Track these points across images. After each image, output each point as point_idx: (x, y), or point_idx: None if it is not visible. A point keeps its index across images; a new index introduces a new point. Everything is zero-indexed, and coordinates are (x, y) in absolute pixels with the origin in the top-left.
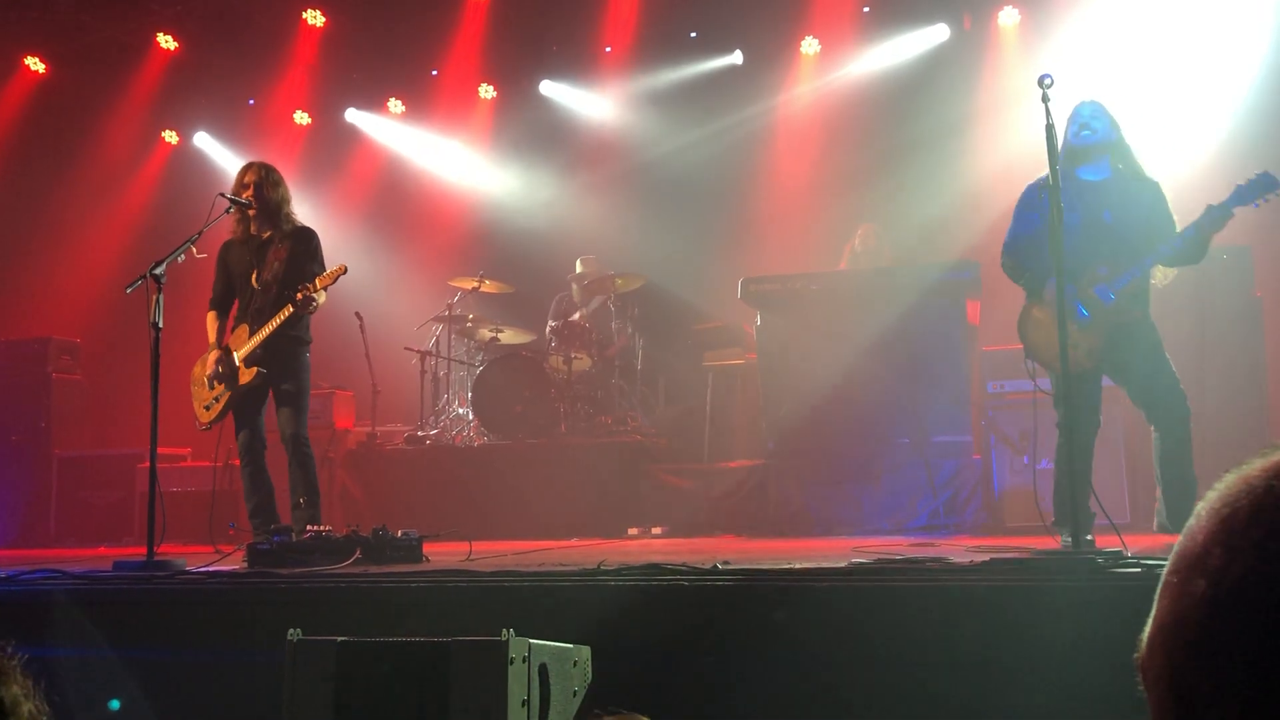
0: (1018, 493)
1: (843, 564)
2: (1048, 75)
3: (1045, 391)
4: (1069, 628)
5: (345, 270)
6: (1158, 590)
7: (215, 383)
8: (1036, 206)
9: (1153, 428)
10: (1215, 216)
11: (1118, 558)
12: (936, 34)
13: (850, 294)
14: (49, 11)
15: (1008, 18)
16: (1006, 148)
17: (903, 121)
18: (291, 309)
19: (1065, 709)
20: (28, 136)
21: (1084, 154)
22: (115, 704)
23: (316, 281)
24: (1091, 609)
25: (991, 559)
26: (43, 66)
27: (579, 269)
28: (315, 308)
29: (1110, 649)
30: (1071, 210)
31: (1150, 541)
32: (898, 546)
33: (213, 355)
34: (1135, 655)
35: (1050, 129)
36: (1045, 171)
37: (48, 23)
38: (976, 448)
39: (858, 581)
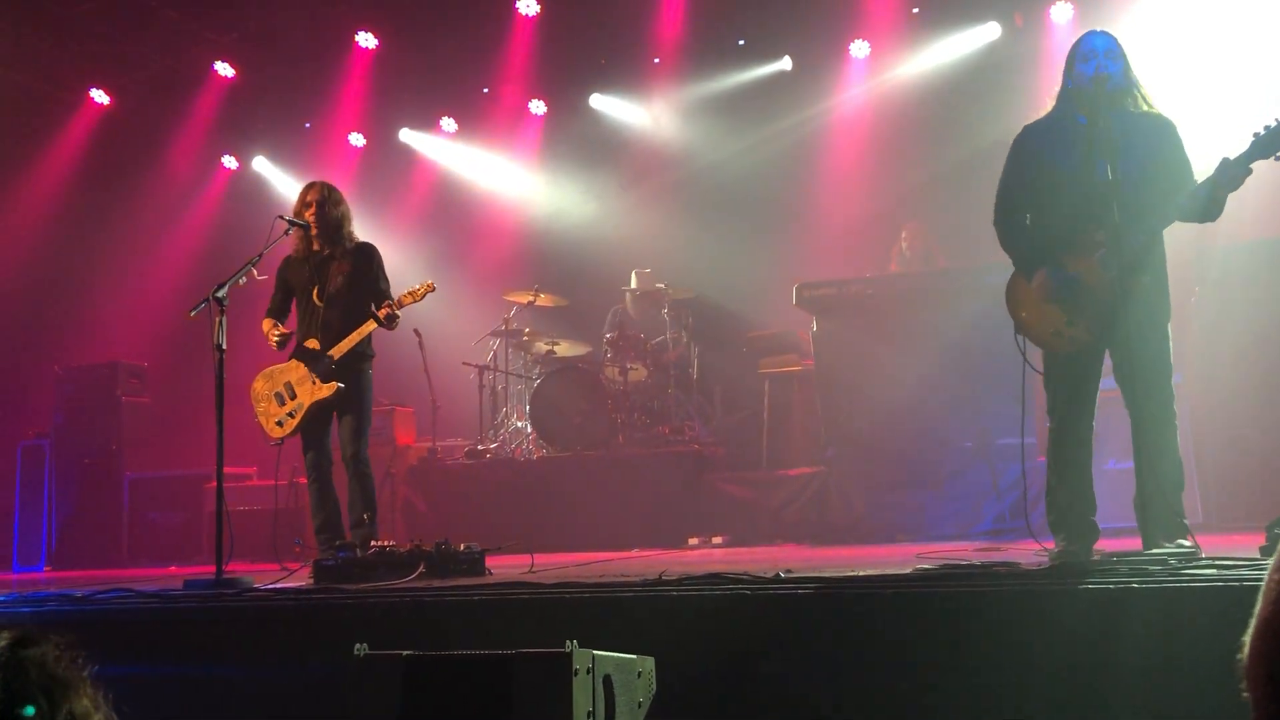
0: None
1: (907, 570)
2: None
3: (1038, 370)
4: (1143, 631)
5: (433, 288)
6: (1260, 591)
7: (287, 397)
8: (1032, 152)
9: (1127, 409)
10: (1232, 174)
11: (1192, 558)
12: (988, 32)
13: (908, 296)
14: (113, 45)
15: (1061, 14)
16: None
17: (954, 122)
18: (374, 324)
19: (1141, 714)
20: (94, 166)
21: (1096, 96)
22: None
23: (403, 298)
24: (1167, 611)
25: (1061, 562)
26: (107, 98)
27: (633, 282)
28: (398, 323)
29: (1188, 651)
30: (1069, 161)
31: (1224, 541)
32: (963, 552)
33: (296, 372)
34: (1238, 656)
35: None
36: (1043, 113)
37: (111, 55)
38: (1041, 449)
39: (923, 588)
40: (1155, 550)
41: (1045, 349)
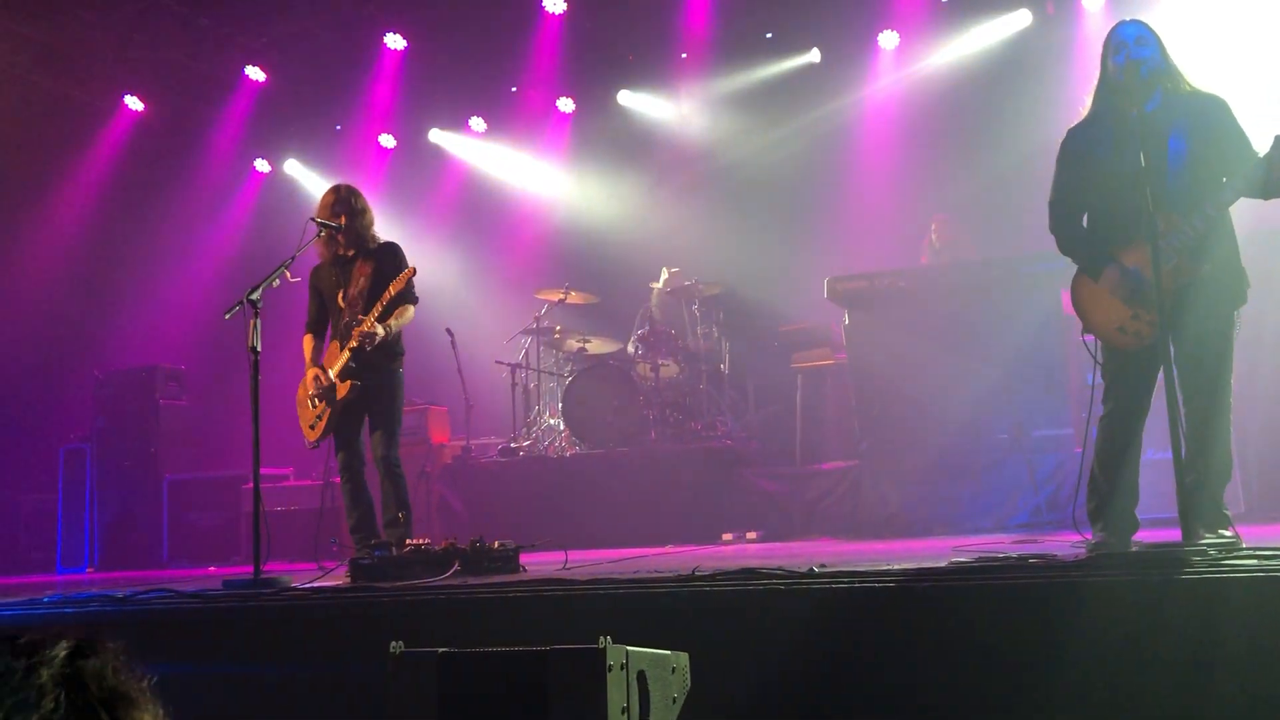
0: None
1: (943, 564)
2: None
3: (1098, 361)
4: (1182, 623)
5: (414, 271)
6: None
7: (316, 401)
8: (1078, 154)
9: (1180, 399)
10: None
11: (1233, 549)
12: (1018, 20)
13: (940, 288)
14: (146, 52)
15: (1092, 1)
16: None
17: (985, 112)
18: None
19: (1180, 708)
20: (128, 172)
21: (1132, 86)
22: None
23: (391, 287)
24: (1207, 603)
25: (1099, 554)
26: (141, 105)
27: (663, 279)
28: (379, 339)
29: (1229, 643)
30: (1119, 154)
31: (1266, 531)
32: (1000, 545)
33: (310, 374)
34: None
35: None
36: (1085, 113)
37: (144, 62)
38: (1078, 440)
39: (959, 581)
40: (1196, 541)
41: (1109, 344)
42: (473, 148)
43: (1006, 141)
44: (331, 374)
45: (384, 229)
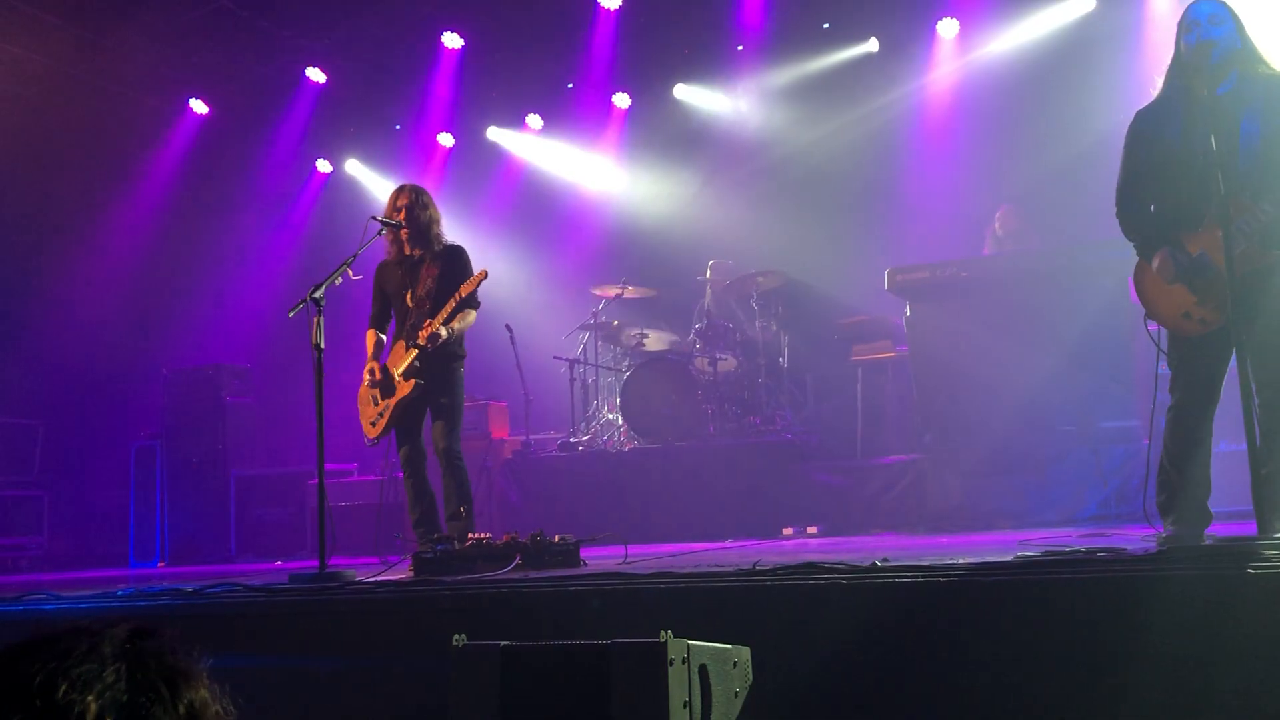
0: None
1: (1009, 558)
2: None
3: (1162, 350)
4: (1257, 619)
5: (485, 275)
6: None
7: (377, 398)
8: (1147, 137)
9: (1255, 387)
10: None
11: None
12: (1081, 4)
13: (1004, 279)
14: (210, 55)
15: None
16: None
17: (1048, 100)
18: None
19: (1253, 706)
20: (193, 173)
21: (1203, 67)
22: None
23: (461, 290)
24: None
25: (1171, 547)
26: (205, 108)
27: (708, 272)
28: (442, 340)
29: None
30: (1189, 137)
31: None
32: (1067, 538)
33: (367, 367)
34: None
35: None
36: (1155, 94)
37: (209, 66)
38: (1146, 431)
39: (1026, 575)
40: (1271, 535)
41: (1175, 331)
42: (530, 144)
43: (1071, 129)
44: (396, 373)
45: (444, 226)
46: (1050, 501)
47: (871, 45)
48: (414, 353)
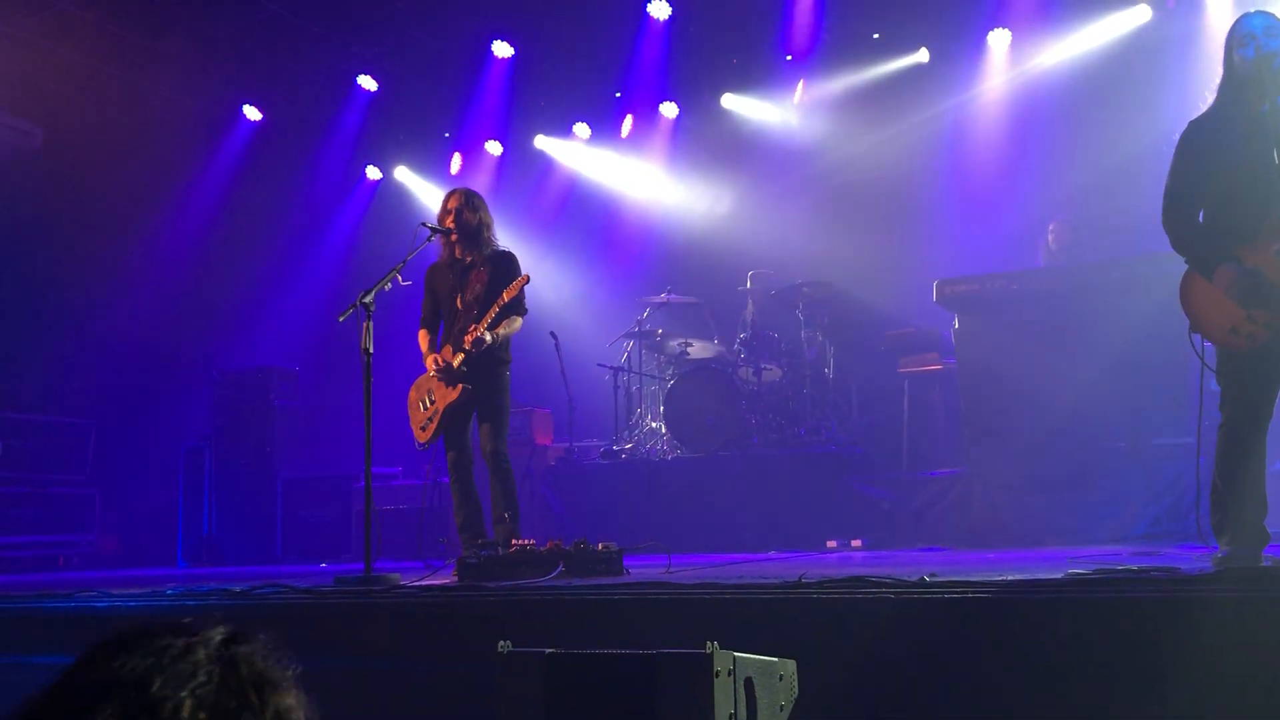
0: None
1: (1059, 575)
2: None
3: (1210, 367)
4: None
5: (527, 279)
6: None
7: (428, 401)
8: (1200, 149)
9: None
10: None
11: None
12: (1137, 15)
13: (1054, 292)
14: (264, 63)
15: None
16: None
17: (1102, 112)
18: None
19: None
20: (246, 179)
21: (1262, 80)
22: None
23: (504, 294)
24: None
25: (1226, 568)
26: (258, 114)
27: (749, 283)
28: (487, 344)
29: None
30: (1246, 150)
31: None
32: (1118, 556)
33: (430, 360)
34: None
35: None
36: (1204, 106)
37: (262, 73)
38: (1200, 449)
39: (1076, 593)
40: None
41: (1222, 347)
42: (577, 152)
43: (1126, 140)
44: (455, 360)
45: (495, 232)
46: (1100, 518)
47: (922, 56)
48: (461, 356)
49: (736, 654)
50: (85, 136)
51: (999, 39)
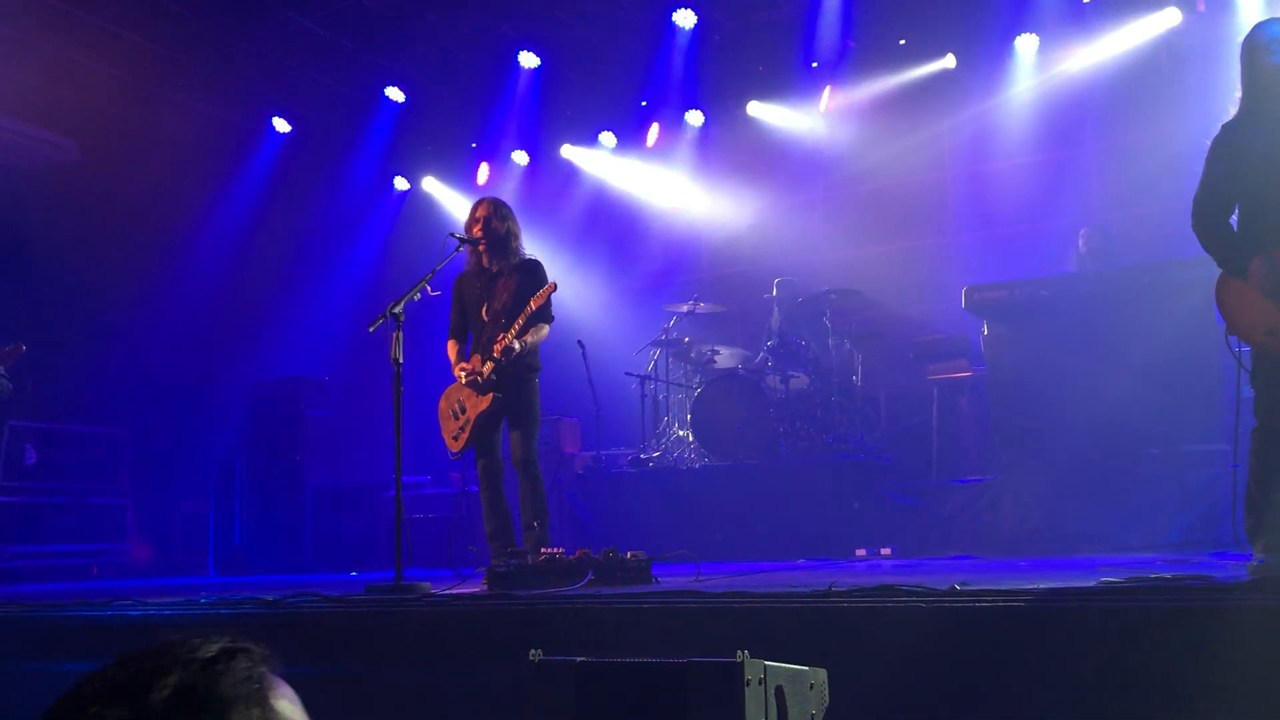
0: None
1: (1092, 583)
2: None
3: (1246, 368)
4: None
5: (554, 287)
6: None
7: (459, 411)
8: (1233, 153)
9: None
10: None
11: None
12: (1166, 19)
13: (1084, 297)
14: (293, 75)
15: None
16: None
17: (1131, 117)
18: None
19: None
20: (275, 190)
21: None
22: None
23: (532, 303)
24: None
25: (1262, 576)
26: (288, 126)
27: (775, 290)
28: (517, 352)
29: None
30: (1275, 155)
31: None
32: (1151, 564)
33: (458, 369)
34: None
35: None
36: (1234, 111)
37: (290, 85)
38: (1234, 456)
39: (1110, 602)
40: None
41: (1258, 349)
42: (603, 161)
43: (1155, 145)
44: (485, 369)
45: (522, 241)
46: (1132, 525)
47: (949, 61)
48: (491, 365)
49: (767, 663)
50: (118, 149)
51: (1026, 44)
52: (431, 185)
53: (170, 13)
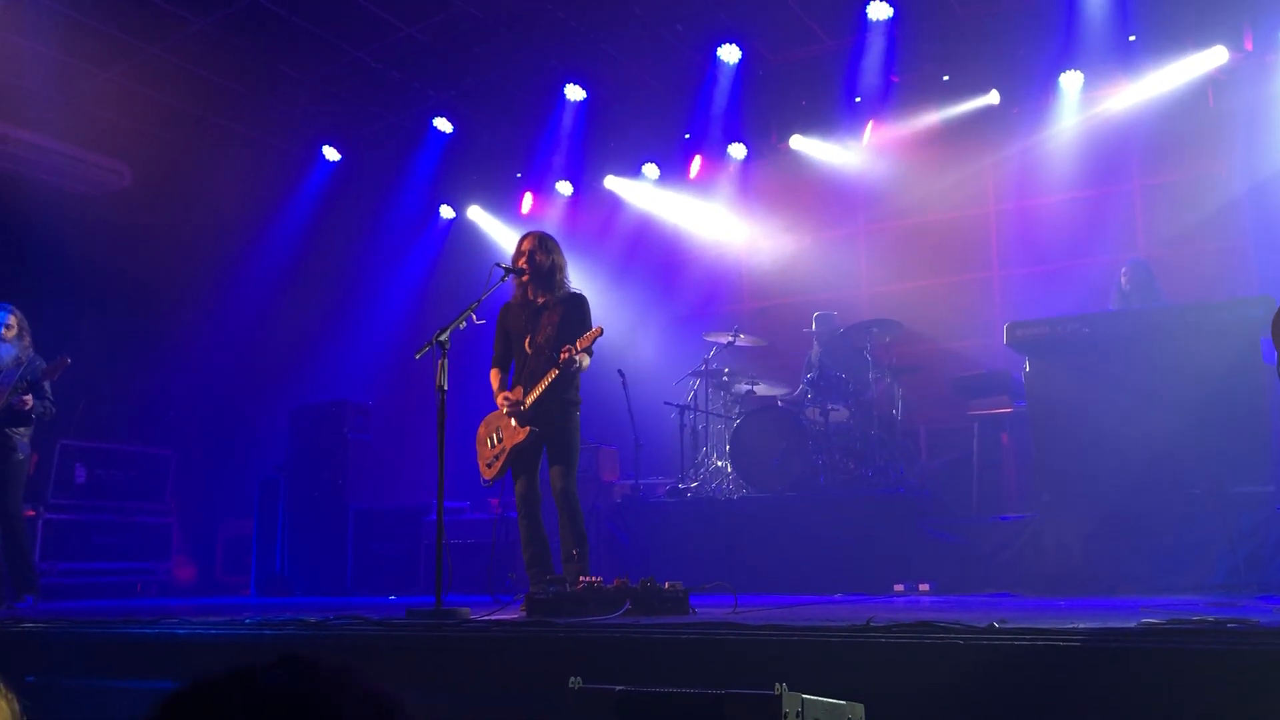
0: None
1: (1132, 624)
2: None
3: None
4: None
5: (600, 332)
6: None
7: (495, 440)
8: None
9: None
10: None
11: None
12: (1213, 58)
13: (1128, 335)
14: (343, 105)
15: None
16: None
17: (1175, 154)
18: (557, 372)
19: None
20: (324, 216)
21: None
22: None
23: (578, 343)
24: None
25: None
26: (337, 155)
27: (814, 325)
28: (579, 368)
29: None
30: None
31: None
32: (1193, 606)
33: (500, 398)
34: None
35: None
36: None
37: (340, 115)
38: None
39: (1150, 644)
40: None
41: None
42: (646, 193)
43: (1201, 183)
44: (528, 399)
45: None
46: (1175, 567)
47: (993, 98)
48: (535, 394)
49: (805, 696)
50: (171, 176)
51: (1071, 80)
52: (476, 214)
53: (226, 45)
